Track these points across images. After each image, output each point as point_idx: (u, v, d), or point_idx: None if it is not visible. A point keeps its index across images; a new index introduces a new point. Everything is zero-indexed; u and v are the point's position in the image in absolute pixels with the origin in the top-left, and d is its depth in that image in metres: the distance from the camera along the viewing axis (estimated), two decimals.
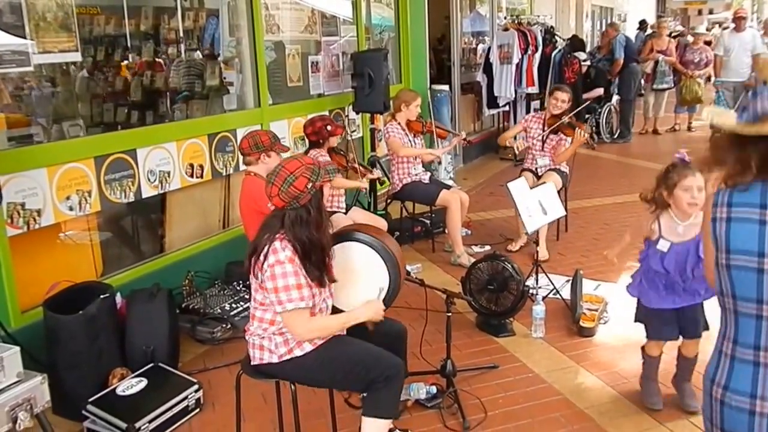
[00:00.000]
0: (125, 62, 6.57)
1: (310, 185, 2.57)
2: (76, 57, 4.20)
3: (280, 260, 2.54)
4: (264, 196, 3.74)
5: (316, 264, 2.63)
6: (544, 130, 5.81)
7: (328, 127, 4.93)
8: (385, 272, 2.87)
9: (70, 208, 3.96)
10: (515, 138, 5.99)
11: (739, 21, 9.38)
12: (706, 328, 3.20)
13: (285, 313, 2.58)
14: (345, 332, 2.85)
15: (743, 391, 1.69)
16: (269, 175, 2.64)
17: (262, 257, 2.57)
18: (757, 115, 1.63)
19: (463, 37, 10.61)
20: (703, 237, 1.83)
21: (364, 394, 2.77)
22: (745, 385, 1.69)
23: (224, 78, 5.89)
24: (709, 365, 1.82)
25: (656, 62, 10.85)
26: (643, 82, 11.22)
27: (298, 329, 2.61)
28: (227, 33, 5.79)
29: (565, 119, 5.67)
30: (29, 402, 2.45)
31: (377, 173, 5.55)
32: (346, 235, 2.94)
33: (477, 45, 10.79)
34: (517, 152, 5.82)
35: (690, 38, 11.84)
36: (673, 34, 12.60)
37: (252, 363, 2.78)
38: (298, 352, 2.69)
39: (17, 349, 2.48)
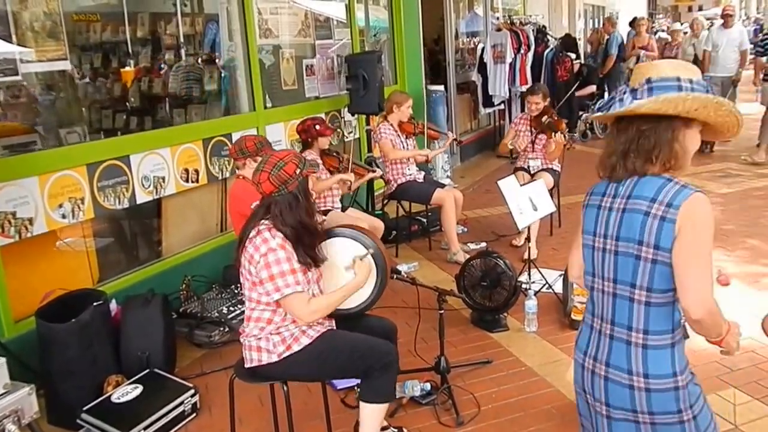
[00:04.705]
0: (126, 68, 6.57)
1: (298, 171, 2.67)
2: (66, 65, 4.21)
3: (272, 248, 2.59)
4: (245, 197, 3.75)
5: (309, 246, 2.69)
6: (531, 132, 5.87)
7: (317, 127, 4.95)
8: (365, 251, 2.89)
9: (63, 216, 3.96)
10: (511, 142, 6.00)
11: (727, 18, 9.45)
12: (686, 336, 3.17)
13: (284, 299, 2.61)
14: (335, 327, 2.88)
15: (581, 348, 2.01)
16: (258, 164, 2.73)
17: (251, 248, 2.61)
18: (612, 105, 1.86)
19: (460, 37, 10.64)
20: None
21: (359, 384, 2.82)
22: (583, 343, 2.01)
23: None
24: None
25: (638, 57, 11.10)
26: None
27: (300, 311, 2.64)
28: (227, 38, 5.80)
29: (545, 120, 5.71)
30: (17, 413, 2.44)
31: (379, 171, 5.55)
32: (328, 233, 2.95)
33: (477, 45, 10.82)
34: (519, 149, 5.85)
35: (665, 35, 12.07)
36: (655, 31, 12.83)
37: (248, 366, 2.78)
38: (296, 348, 2.71)
39: (3, 360, 2.47)
